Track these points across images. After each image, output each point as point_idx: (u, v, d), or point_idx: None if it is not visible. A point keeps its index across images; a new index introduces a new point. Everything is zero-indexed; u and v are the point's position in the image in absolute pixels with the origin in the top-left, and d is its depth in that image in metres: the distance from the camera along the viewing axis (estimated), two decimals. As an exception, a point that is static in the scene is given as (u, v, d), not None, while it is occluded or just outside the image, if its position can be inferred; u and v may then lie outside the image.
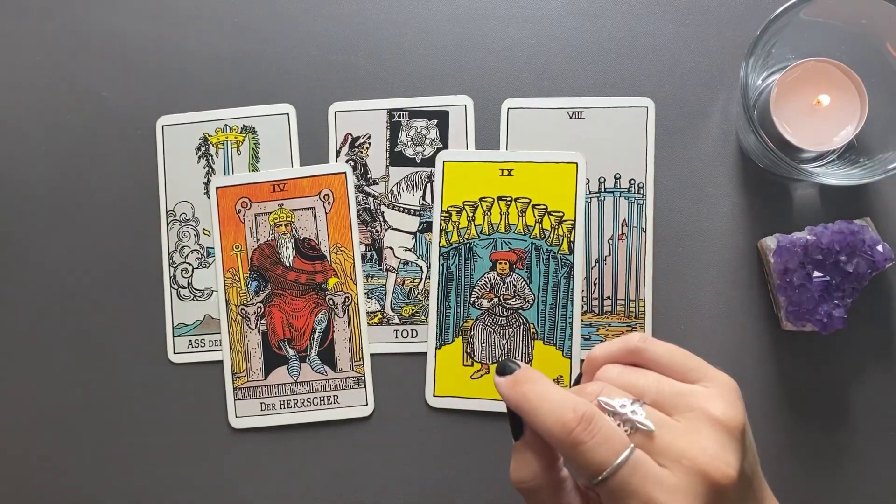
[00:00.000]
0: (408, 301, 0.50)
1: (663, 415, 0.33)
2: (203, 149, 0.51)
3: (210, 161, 0.51)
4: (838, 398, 0.47)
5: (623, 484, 0.32)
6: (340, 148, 0.51)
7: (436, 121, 0.50)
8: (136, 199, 0.51)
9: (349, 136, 0.51)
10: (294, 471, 0.49)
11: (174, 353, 0.50)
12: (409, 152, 0.51)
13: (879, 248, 0.44)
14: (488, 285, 0.49)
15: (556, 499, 0.35)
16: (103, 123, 0.52)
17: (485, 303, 0.49)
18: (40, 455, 0.50)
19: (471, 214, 0.50)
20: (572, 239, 0.49)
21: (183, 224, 0.51)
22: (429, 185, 0.50)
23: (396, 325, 0.50)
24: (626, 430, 0.32)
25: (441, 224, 0.50)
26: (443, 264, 0.50)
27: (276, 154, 0.51)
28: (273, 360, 0.50)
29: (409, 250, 0.50)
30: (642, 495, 0.31)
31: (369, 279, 0.50)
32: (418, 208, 0.50)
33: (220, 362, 0.50)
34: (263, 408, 0.50)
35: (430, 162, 0.50)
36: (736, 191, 0.49)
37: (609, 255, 0.49)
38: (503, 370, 0.36)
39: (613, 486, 0.32)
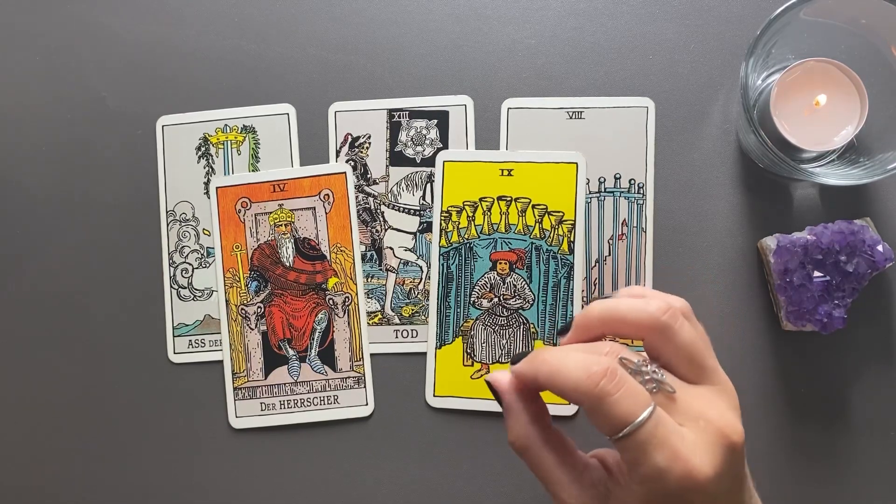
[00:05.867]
0: (408, 301, 0.50)
1: (677, 378, 0.34)
2: (203, 149, 0.51)
3: (210, 161, 0.51)
4: (838, 398, 0.47)
5: (649, 436, 0.32)
6: (340, 148, 0.51)
7: (436, 121, 0.50)
8: (136, 199, 0.51)
9: (349, 136, 0.51)
10: (294, 471, 0.49)
11: (174, 353, 0.50)
12: (409, 152, 0.51)
13: (879, 248, 0.44)
14: (488, 285, 0.49)
15: (546, 455, 0.35)
16: (103, 123, 0.52)
17: (485, 303, 0.49)
18: (40, 455, 0.50)
19: (471, 214, 0.50)
20: (572, 239, 0.49)
21: (183, 224, 0.51)
22: (429, 185, 0.50)
23: (396, 325, 0.50)
24: (652, 388, 0.33)
25: (441, 224, 0.50)
26: (443, 264, 0.50)
27: (276, 154, 0.51)
28: (273, 360, 0.50)
29: (409, 250, 0.50)
30: (668, 448, 0.32)
31: (369, 279, 0.50)
32: (418, 208, 0.50)
33: (220, 362, 0.50)
34: (263, 408, 0.50)
35: (430, 162, 0.50)
36: (736, 191, 0.49)
37: (609, 255, 0.49)
38: (517, 359, 0.36)
39: (640, 438, 0.32)
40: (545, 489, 0.36)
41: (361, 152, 0.51)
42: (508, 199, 0.49)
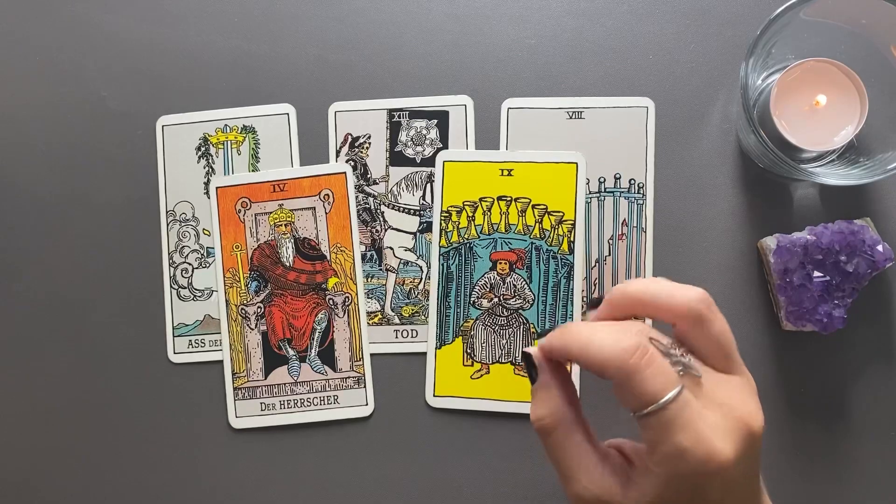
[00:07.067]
0: (408, 301, 0.50)
1: (704, 365, 0.35)
2: (203, 149, 0.51)
3: (210, 161, 0.51)
4: (838, 398, 0.47)
5: (674, 416, 0.32)
6: (340, 148, 0.51)
7: (436, 121, 0.50)
8: (136, 199, 0.51)
9: (349, 136, 0.51)
10: (294, 471, 0.49)
11: (174, 353, 0.50)
12: (409, 152, 0.51)
13: (879, 248, 0.44)
14: (488, 285, 0.49)
15: (575, 437, 0.35)
16: (103, 123, 0.52)
17: (485, 303, 0.49)
18: (40, 455, 0.50)
19: (471, 214, 0.50)
20: (572, 239, 0.49)
21: (183, 224, 0.51)
22: (429, 185, 0.50)
23: (396, 325, 0.50)
24: (678, 369, 0.33)
25: (441, 224, 0.50)
26: (443, 264, 0.50)
27: (276, 154, 0.51)
28: (273, 360, 0.50)
29: (409, 250, 0.50)
30: (692, 429, 0.32)
31: (369, 279, 0.50)
32: (418, 208, 0.50)
33: (220, 362, 0.50)
34: (263, 408, 0.50)
35: (430, 162, 0.50)
36: (736, 191, 0.49)
37: (609, 255, 0.49)
38: (544, 333, 0.36)
39: (665, 417, 0.32)
40: (561, 474, 0.36)
41: (361, 152, 0.51)
42: (508, 199, 0.49)
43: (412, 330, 0.50)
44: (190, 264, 0.51)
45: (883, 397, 0.47)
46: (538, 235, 0.49)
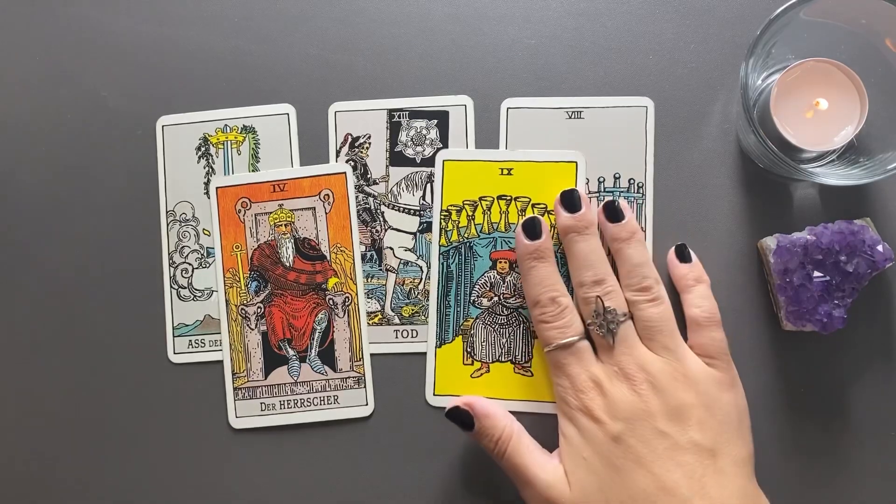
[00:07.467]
0: (408, 301, 0.50)
1: (635, 337, 0.42)
2: (203, 149, 0.51)
3: (210, 161, 0.51)
4: (838, 398, 0.47)
5: (557, 360, 0.43)
6: (340, 148, 0.51)
7: (436, 121, 0.50)
8: (136, 199, 0.51)
9: (349, 136, 0.51)
10: (294, 471, 0.49)
11: (174, 353, 0.50)
12: (409, 152, 0.51)
13: (879, 248, 0.44)
14: (488, 284, 0.49)
15: (524, 442, 0.43)
16: (103, 123, 0.52)
17: (485, 302, 0.49)
18: (39, 455, 0.50)
19: (471, 214, 0.50)
20: (572, 239, 0.49)
21: (183, 224, 0.51)
22: (429, 185, 0.50)
23: (396, 325, 0.50)
24: (600, 331, 0.42)
25: (441, 223, 0.50)
26: (443, 263, 0.50)
27: (276, 154, 0.51)
28: (273, 360, 0.50)
29: (409, 250, 0.50)
30: (569, 371, 0.42)
31: (369, 279, 0.50)
32: (418, 208, 0.50)
33: (220, 362, 0.50)
34: (263, 408, 0.50)
35: (430, 162, 0.50)
36: (736, 191, 0.49)
37: (609, 254, 0.49)
38: (532, 230, 0.45)
39: (552, 358, 0.43)
40: (519, 478, 0.42)
41: (361, 152, 0.51)
42: (508, 198, 0.49)
43: (412, 330, 0.50)
44: (190, 264, 0.51)
45: (883, 397, 0.47)
46: (538, 235, 0.49)
